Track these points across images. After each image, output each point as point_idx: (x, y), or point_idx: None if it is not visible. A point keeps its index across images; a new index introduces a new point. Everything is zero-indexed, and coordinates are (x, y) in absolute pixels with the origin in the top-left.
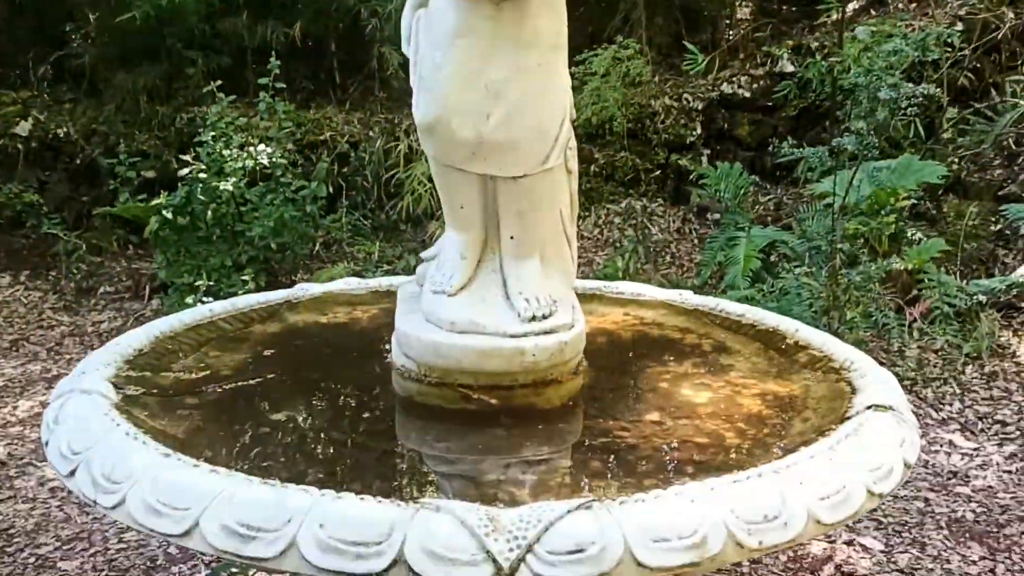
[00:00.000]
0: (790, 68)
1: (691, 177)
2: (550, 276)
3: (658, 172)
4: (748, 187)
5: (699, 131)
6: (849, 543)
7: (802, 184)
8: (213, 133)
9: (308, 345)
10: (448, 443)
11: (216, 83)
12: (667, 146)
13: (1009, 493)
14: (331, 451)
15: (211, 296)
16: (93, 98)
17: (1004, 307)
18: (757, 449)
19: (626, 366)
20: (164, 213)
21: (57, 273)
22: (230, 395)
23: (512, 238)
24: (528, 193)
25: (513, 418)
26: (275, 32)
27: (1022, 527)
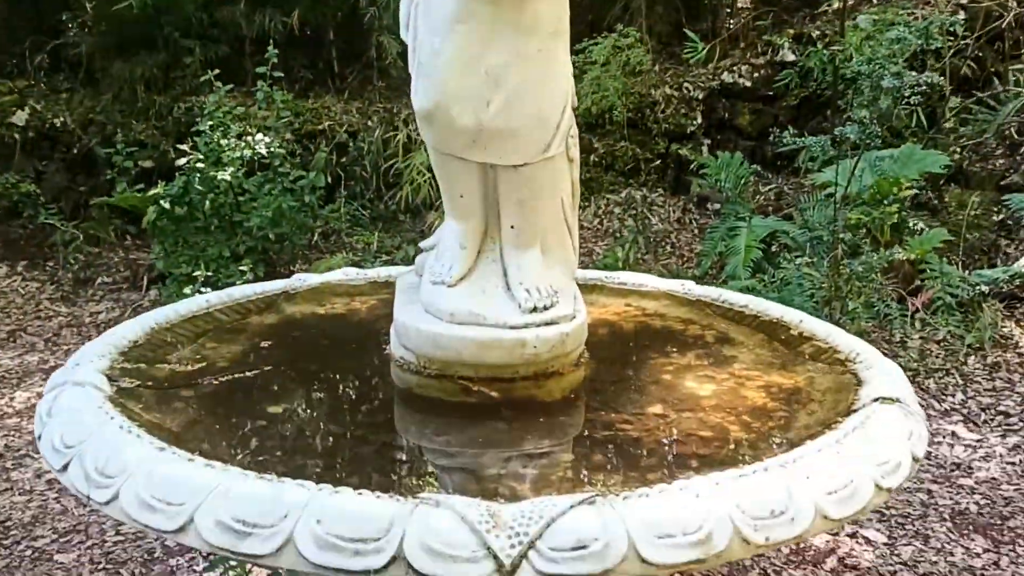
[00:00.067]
0: (791, 57)
1: (691, 167)
2: (551, 266)
3: (658, 162)
4: (749, 177)
5: (699, 120)
6: (852, 535)
7: (803, 174)
8: (211, 123)
9: (306, 336)
10: (448, 436)
11: (214, 72)
12: (667, 135)
13: (1013, 485)
14: (329, 444)
15: (209, 287)
16: (90, 87)
17: (1006, 297)
18: (762, 443)
19: (628, 358)
20: (162, 203)
21: (54, 263)
22: (226, 387)
23: (513, 228)
24: (529, 182)
25: (514, 411)
26: (273, 21)
27: None
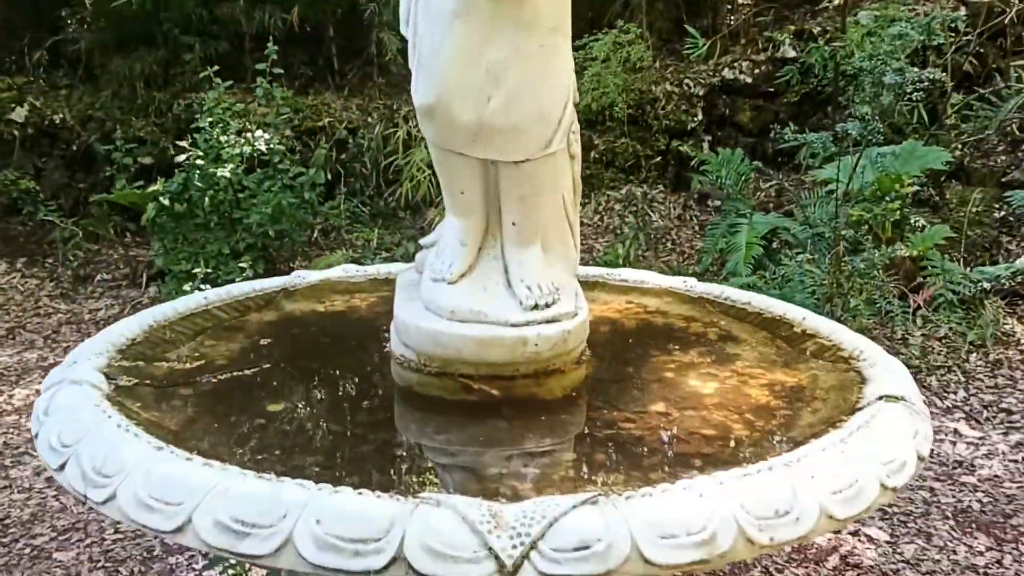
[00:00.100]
0: (792, 53)
1: (692, 163)
2: (552, 263)
3: (659, 158)
4: (749, 173)
5: (700, 117)
6: (854, 533)
7: (804, 170)
8: (210, 119)
9: (305, 334)
10: (448, 435)
11: (213, 69)
12: (668, 132)
13: (1015, 483)
14: (328, 443)
15: (209, 284)
16: (89, 84)
17: (1008, 294)
18: (766, 441)
19: (630, 355)
20: (161, 200)
21: (54, 260)
22: (225, 386)
23: (514, 224)
24: (530, 178)
25: (515, 409)
26: (273, 17)
27: None
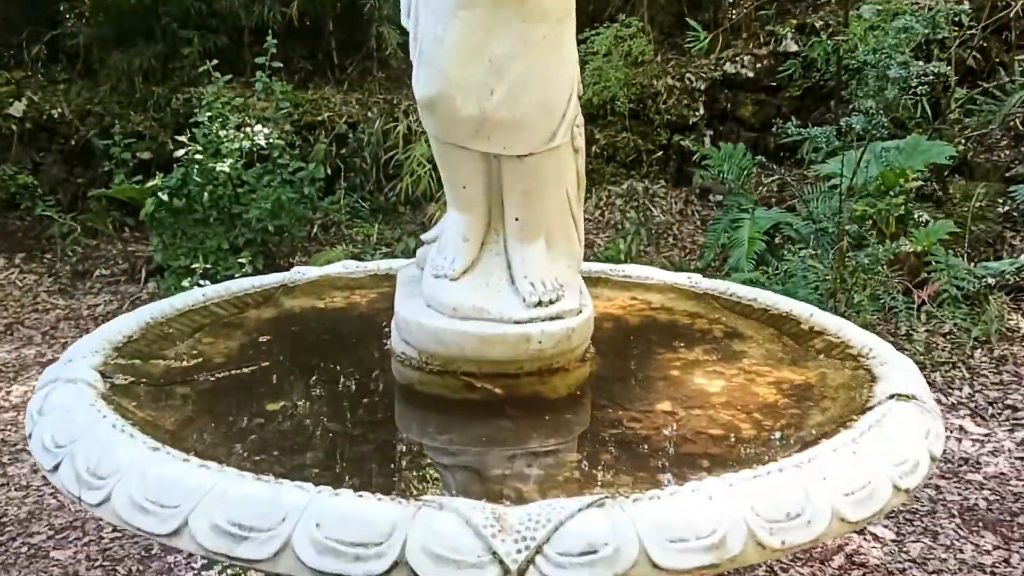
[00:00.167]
0: (794, 47)
1: (694, 158)
2: (556, 259)
3: (660, 153)
4: (751, 168)
5: (702, 111)
6: (860, 532)
7: (806, 165)
8: (209, 114)
9: (304, 331)
10: (450, 434)
11: (212, 63)
12: (669, 127)
13: (1022, 480)
14: (328, 443)
15: (208, 279)
16: (88, 78)
17: (1012, 290)
18: (775, 441)
19: (635, 353)
20: (160, 195)
21: (52, 256)
22: (223, 384)
23: (517, 219)
24: (534, 172)
25: (518, 408)
26: (272, 11)
27: None
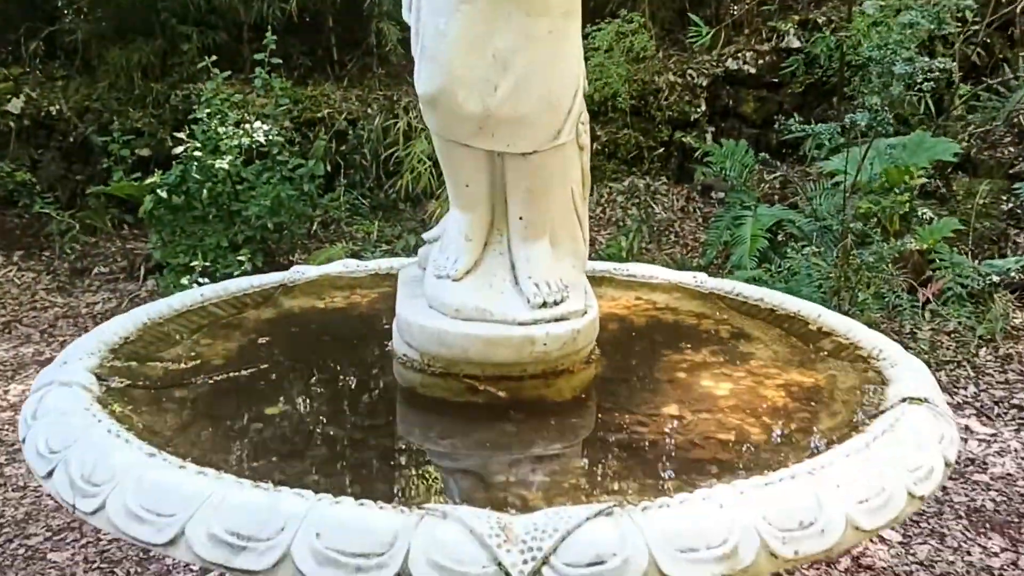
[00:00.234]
0: (796, 44)
1: (695, 155)
2: (561, 259)
3: (662, 150)
4: (754, 165)
5: (703, 108)
6: None
7: (809, 162)
8: (208, 110)
9: (304, 332)
10: (453, 439)
11: (211, 59)
12: (671, 123)
13: None
14: (328, 448)
15: (207, 277)
16: (86, 75)
17: (1017, 288)
18: (785, 446)
19: (641, 354)
20: (159, 192)
21: (50, 253)
22: (221, 387)
23: (521, 218)
24: (538, 170)
25: (522, 411)
26: (271, 7)
27: None
